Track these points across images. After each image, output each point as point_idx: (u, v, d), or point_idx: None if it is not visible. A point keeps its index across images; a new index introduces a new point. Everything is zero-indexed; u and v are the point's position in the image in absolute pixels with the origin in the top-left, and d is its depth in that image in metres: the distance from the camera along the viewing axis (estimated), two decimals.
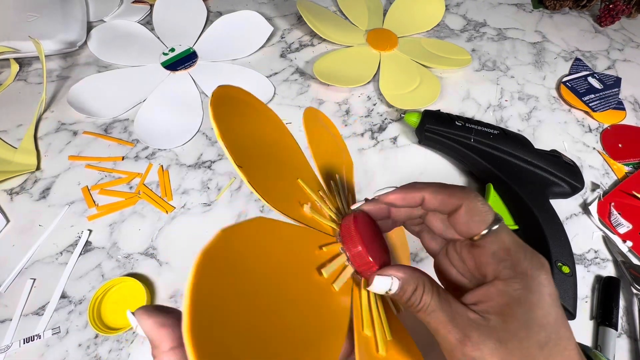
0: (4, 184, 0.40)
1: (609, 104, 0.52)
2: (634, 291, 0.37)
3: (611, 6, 0.63)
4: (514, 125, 0.50)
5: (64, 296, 0.34)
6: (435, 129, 0.44)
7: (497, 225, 0.17)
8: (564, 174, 0.41)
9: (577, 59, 0.59)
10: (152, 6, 0.58)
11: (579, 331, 0.35)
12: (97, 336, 0.32)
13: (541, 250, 0.36)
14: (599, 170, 0.47)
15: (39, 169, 0.41)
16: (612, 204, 0.42)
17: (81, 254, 0.36)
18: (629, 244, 0.40)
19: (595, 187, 0.45)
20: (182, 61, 0.52)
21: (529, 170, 0.41)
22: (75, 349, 0.32)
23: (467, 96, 0.53)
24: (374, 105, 0.50)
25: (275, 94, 0.50)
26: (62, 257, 0.36)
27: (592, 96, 0.53)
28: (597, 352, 0.29)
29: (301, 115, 0.22)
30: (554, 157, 0.42)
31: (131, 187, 0.41)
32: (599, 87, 0.54)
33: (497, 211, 0.42)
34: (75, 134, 0.44)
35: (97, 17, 0.56)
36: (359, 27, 0.58)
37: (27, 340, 0.32)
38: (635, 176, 0.45)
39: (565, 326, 0.16)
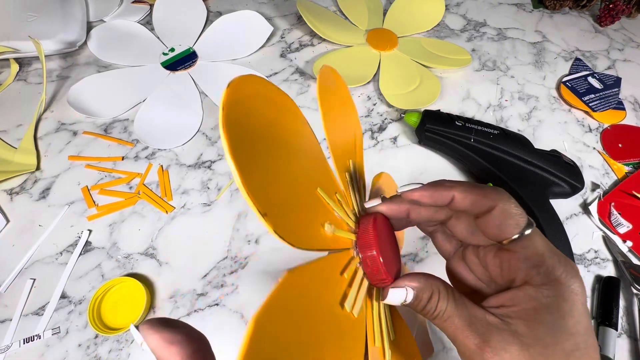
0: (4, 184, 0.40)
1: (609, 104, 0.52)
2: (634, 291, 0.37)
3: (611, 6, 0.63)
4: (514, 125, 0.50)
5: (63, 296, 0.34)
6: (435, 129, 0.44)
7: (530, 229, 0.17)
8: (564, 174, 0.41)
9: (577, 59, 0.59)
10: (151, 6, 0.58)
11: None
12: (97, 336, 0.32)
13: None
14: (599, 170, 0.47)
15: (38, 169, 0.41)
16: (612, 203, 0.42)
17: (81, 254, 0.36)
18: (629, 243, 0.40)
19: (595, 187, 0.45)
20: (182, 61, 0.52)
21: (529, 170, 0.41)
22: (75, 349, 0.32)
23: (467, 96, 0.53)
24: (374, 105, 0.50)
25: None
26: (62, 257, 0.36)
27: (592, 96, 0.53)
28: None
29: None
30: (554, 157, 0.42)
31: (131, 187, 0.41)
32: (599, 87, 0.54)
33: None
34: (75, 134, 0.44)
35: (97, 17, 0.56)
36: (359, 27, 0.58)
37: (27, 340, 0.32)
38: (635, 176, 0.45)
39: (592, 336, 0.16)
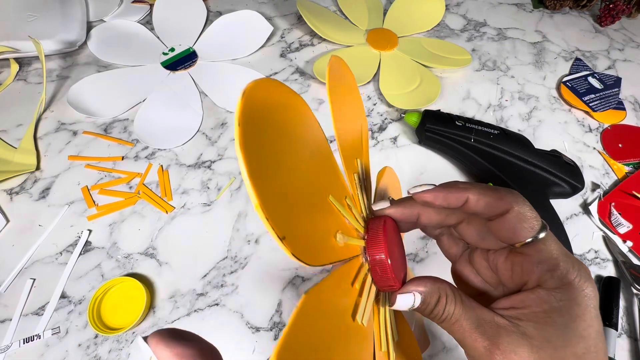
0: (4, 183, 0.40)
1: (609, 104, 0.52)
2: (634, 291, 0.37)
3: (611, 6, 0.63)
4: (514, 125, 0.50)
5: (63, 296, 0.34)
6: (435, 128, 0.44)
7: (545, 232, 0.16)
8: (564, 174, 0.41)
9: (577, 59, 0.59)
10: (151, 6, 0.58)
11: None
12: (96, 336, 0.32)
13: None
14: (599, 170, 0.47)
15: (38, 168, 0.41)
16: (613, 204, 0.42)
17: (81, 254, 0.36)
18: (629, 244, 0.40)
19: (595, 187, 0.45)
20: (182, 61, 0.52)
21: (529, 170, 0.41)
22: (75, 349, 0.32)
23: (468, 96, 0.53)
24: (374, 105, 0.50)
25: None
26: (62, 257, 0.36)
27: (593, 96, 0.53)
28: None
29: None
30: (554, 157, 0.42)
31: (131, 187, 0.41)
32: (599, 87, 0.54)
33: None
34: (75, 133, 0.44)
35: (96, 16, 0.56)
36: (359, 26, 0.58)
37: (27, 340, 0.32)
38: (635, 176, 0.45)
39: (603, 340, 0.16)
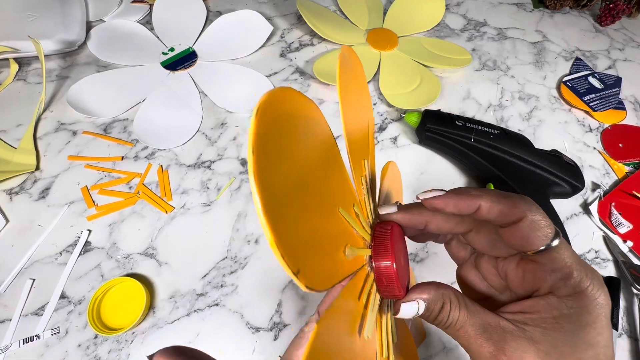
0: (4, 184, 0.40)
1: (610, 104, 0.52)
2: (635, 291, 0.37)
3: (612, 6, 0.63)
4: (514, 125, 0.50)
5: (63, 296, 0.34)
6: (435, 128, 0.44)
7: (558, 240, 0.16)
8: (565, 174, 0.41)
9: (577, 59, 0.59)
10: (151, 6, 0.58)
11: None
12: (96, 336, 0.32)
13: None
14: (599, 170, 0.47)
15: (38, 168, 0.41)
16: (613, 203, 0.42)
17: (81, 254, 0.36)
18: (630, 244, 0.40)
19: (595, 187, 0.45)
20: (182, 61, 0.52)
21: (530, 170, 0.41)
22: (74, 349, 0.32)
23: (468, 96, 0.53)
24: (374, 105, 0.50)
25: None
26: (62, 257, 0.36)
27: (593, 96, 0.53)
28: None
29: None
30: (555, 157, 0.42)
31: (130, 187, 0.41)
32: (600, 87, 0.54)
33: None
34: (74, 133, 0.44)
35: (96, 16, 0.56)
36: (359, 26, 0.58)
37: (27, 340, 0.32)
38: (635, 176, 0.45)
39: (612, 348, 0.16)
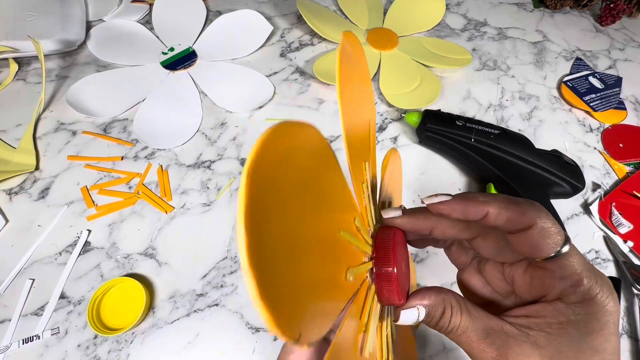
0: (3, 184, 0.40)
1: (610, 104, 0.52)
2: (635, 291, 0.37)
3: (612, 5, 0.63)
4: (514, 124, 0.50)
5: (63, 296, 0.34)
6: (435, 128, 0.44)
7: (568, 246, 0.16)
8: (565, 174, 0.41)
9: (578, 59, 0.59)
10: (151, 5, 0.58)
11: None
12: (96, 337, 0.32)
13: None
14: (599, 170, 0.47)
15: (38, 168, 0.41)
16: (613, 204, 0.42)
17: (80, 254, 0.36)
18: (630, 244, 0.40)
19: (596, 187, 0.45)
20: (182, 60, 0.52)
21: (530, 170, 0.41)
22: (74, 349, 0.32)
23: (468, 96, 0.53)
24: (375, 104, 0.50)
25: (275, 93, 0.50)
26: (61, 258, 0.36)
27: (593, 96, 0.53)
28: None
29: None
30: (555, 157, 0.42)
31: (130, 187, 0.41)
32: (600, 87, 0.54)
33: None
34: (74, 133, 0.44)
35: (96, 16, 0.56)
36: (359, 26, 0.58)
37: (26, 340, 0.32)
38: (636, 176, 0.45)
39: (619, 355, 0.15)
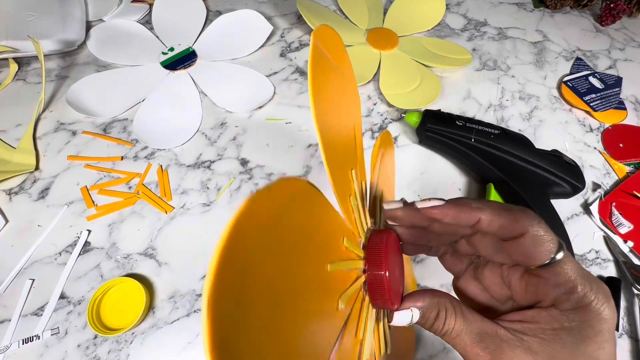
0: (3, 184, 0.40)
1: (610, 104, 0.52)
2: (635, 292, 0.37)
3: (612, 5, 0.63)
4: (514, 124, 0.50)
5: (63, 297, 0.34)
6: (435, 128, 0.43)
7: (562, 253, 0.16)
8: (565, 174, 0.41)
9: (578, 59, 0.59)
10: (151, 5, 0.58)
11: None
12: (96, 337, 0.32)
13: None
14: (600, 170, 0.47)
15: (37, 169, 0.41)
16: (613, 204, 0.42)
17: (80, 255, 0.36)
18: (630, 244, 0.40)
19: (596, 187, 0.45)
20: (182, 60, 0.52)
21: (530, 170, 0.41)
22: (74, 349, 0.32)
23: (468, 96, 0.53)
24: (374, 104, 0.50)
25: (275, 93, 0.50)
26: (61, 258, 0.36)
27: (593, 96, 0.53)
28: None
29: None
30: (555, 157, 0.42)
31: (130, 187, 0.41)
32: (600, 87, 0.54)
33: None
34: (74, 133, 0.44)
35: (96, 16, 0.56)
36: (359, 26, 0.58)
37: (26, 340, 0.32)
38: (636, 176, 0.45)
39: None
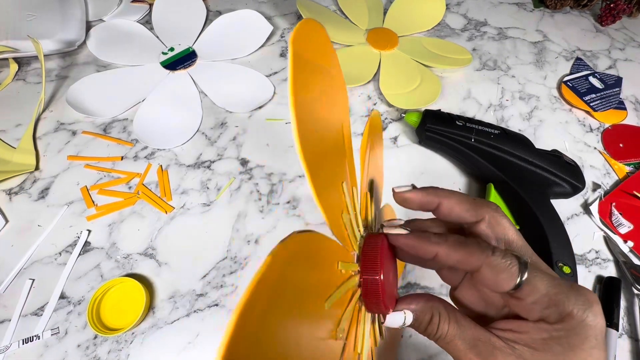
0: (3, 184, 0.40)
1: (610, 104, 0.52)
2: (635, 292, 0.37)
3: (612, 5, 0.63)
4: (514, 124, 0.50)
5: (63, 297, 0.34)
6: (435, 128, 0.43)
7: (526, 273, 0.16)
8: (565, 174, 0.41)
9: (578, 59, 0.59)
10: (151, 5, 0.58)
11: None
12: (96, 337, 0.32)
13: (542, 250, 0.36)
14: (600, 170, 0.47)
15: (37, 169, 0.41)
16: (613, 204, 0.42)
17: (80, 255, 0.36)
18: (630, 244, 0.40)
19: (596, 187, 0.45)
20: (182, 60, 0.52)
21: (530, 170, 0.41)
22: (74, 349, 0.32)
23: (468, 96, 0.52)
24: (374, 105, 0.50)
25: (275, 93, 0.50)
26: (61, 258, 0.36)
27: (593, 96, 0.53)
28: None
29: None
30: (555, 157, 0.42)
31: (130, 187, 0.41)
32: (600, 87, 0.54)
33: None
34: (74, 133, 0.44)
35: (96, 16, 0.56)
36: (359, 26, 0.58)
37: (26, 340, 0.32)
38: (636, 176, 0.45)
39: None
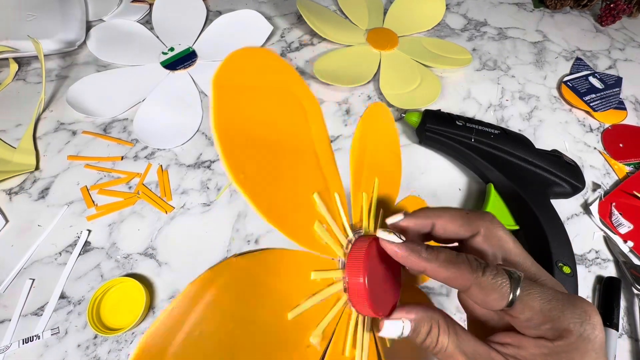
0: (3, 184, 0.40)
1: (610, 104, 0.52)
2: (635, 292, 0.37)
3: (612, 5, 0.63)
4: (514, 125, 0.50)
5: (63, 296, 0.34)
6: (435, 128, 0.43)
7: (518, 291, 0.16)
8: (565, 174, 0.41)
9: (578, 59, 0.59)
10: (151, 5, 0.58)
11: None
12: (96, 337, 0.32)
13: (542, 250, 0.36)
14: (600, 170, 0.47)
15: (37, 168, 0.41)
16: (613, 204, 0.42)
17: (80, 254, 0.36)
18: (630, 244, 0.40)
19: (596, 187, 0.45)
20: (182, 60, 0.52)
21: (530, 170, 0.41)
22: (74, 349, 0.32)
23: (468, 96, 0.53)
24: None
25: None
26: (61, 258, 0.36)
27: (593, 96, 0.53)
28: None
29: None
30: (555, 157, 0.42)
31: (130, 187, 0.41)
32: (600, 87, 0.54)
33: (497, 212, 0.41)
34: (74, 133, 0.44)
35: (96, 16, 0.56)
36: (359, 26, 0.58)
37: (26, 340, 0.32)
38: (636, 176, 0.45)
39: None
